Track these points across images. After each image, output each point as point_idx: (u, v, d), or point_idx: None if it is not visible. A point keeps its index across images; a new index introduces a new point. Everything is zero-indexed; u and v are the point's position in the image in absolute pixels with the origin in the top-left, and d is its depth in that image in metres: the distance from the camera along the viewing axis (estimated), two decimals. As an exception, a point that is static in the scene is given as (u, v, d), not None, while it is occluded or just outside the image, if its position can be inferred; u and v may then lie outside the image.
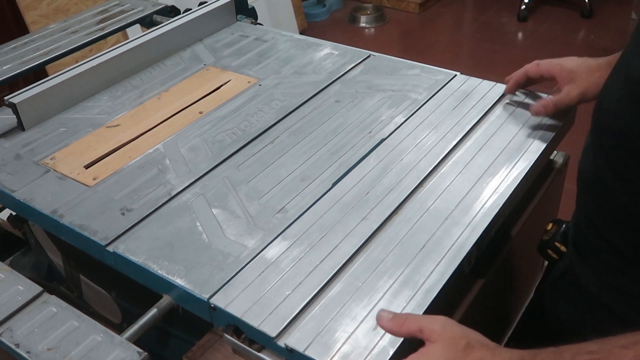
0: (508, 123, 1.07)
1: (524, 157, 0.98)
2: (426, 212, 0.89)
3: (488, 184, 0.93)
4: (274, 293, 0.79)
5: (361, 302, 0.77)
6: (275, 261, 0.84)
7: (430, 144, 1.03)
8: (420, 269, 0.80)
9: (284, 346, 0.73)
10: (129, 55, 1.32)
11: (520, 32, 3.91)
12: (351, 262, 0.83)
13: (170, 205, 0.97)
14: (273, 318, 0.75)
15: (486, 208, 0.89)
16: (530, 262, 1.24)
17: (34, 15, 2.70)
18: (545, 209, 1.16)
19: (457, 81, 1.20)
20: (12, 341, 0.80)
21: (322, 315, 0.76)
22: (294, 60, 1.34)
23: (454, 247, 0.83)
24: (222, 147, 1.09)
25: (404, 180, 0.95)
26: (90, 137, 1.15)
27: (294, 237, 0.87)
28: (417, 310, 0.75)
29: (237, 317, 0.76)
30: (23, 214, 1.05)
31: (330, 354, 0.71)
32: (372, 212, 0.89)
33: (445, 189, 0.93)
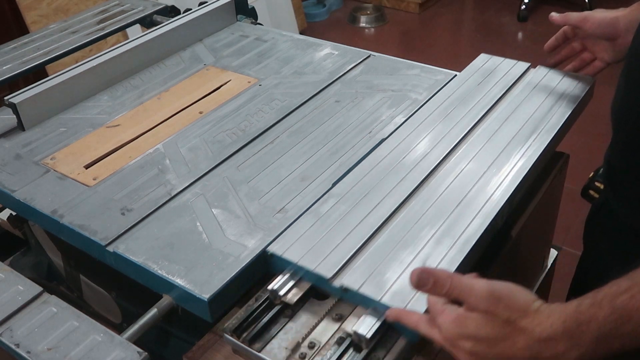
0: (531, 96, 1.11)
1: (547, 128, 1.04)
2: (460, 173, 0.95)
3: (517, 150, 0.99)
4: (325, 242, 0.85)
5: (406, 249, 0.83)
6: (323, 216, 0.90)
7: (459, 114, 1.08)
8: (459, 222, 0.86)
9: (339, 286, 0.79)
10: (129, 55, 1.32)
11: (520, 32, 3.91)
12: (394, 215, 0.89)
13: (170, 205, 0.97)
14: (327, 263, 0.81)
15: (516, 169, 0.95)
16: (530, 262, 1.24)
17: (34, 15, 2.70)
18: (545, 209, 1.16)
19: (480, 60, 1.25)
20: (12, 341, 0.80)
21: (371, 260, 0.82)
22: (294, 60, 1.34)
23: (488, 203, 0.89)
24: (222, 147, 1.09)
25: (437, 147, 1.02)
26: (90, 137, 1.15)
27: (338, 196, 0.93)
28: (457, 256, 0.81)
29: (294, 262, 0.82)
30: (23, 214, 1.05)
31: (382, 292, 0.77)
32: (409, 175, 0.96)
33: (476, 155, 0.99)
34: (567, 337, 0.61)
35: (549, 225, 1.28)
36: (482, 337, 0.63)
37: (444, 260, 0.81)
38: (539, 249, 1.27)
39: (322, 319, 0.81)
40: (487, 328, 0.63)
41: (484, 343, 0.63)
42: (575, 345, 0.61)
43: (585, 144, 2.80)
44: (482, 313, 0.63)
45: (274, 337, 0.78)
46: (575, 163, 1.38)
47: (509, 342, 0.62)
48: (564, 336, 0.61)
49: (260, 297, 0.83)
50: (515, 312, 0.62)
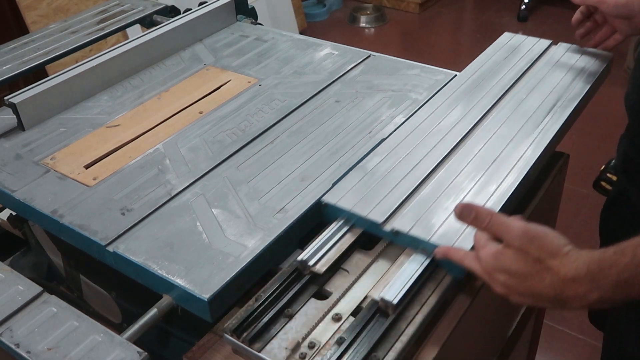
0: (554, 70, 1.19)
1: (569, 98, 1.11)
2: (492, 136, 1.03)
3: (543, 117, 1.06)
4: (374, 192, 0.93)
5: (450, 197, 0.91)
6: (370, 171, 0.97)
7: (488, 85, 1.16)
8: (495, 176, 0.94)
9: (391, 230, 0.87)
10: (129, 55, 1.32)
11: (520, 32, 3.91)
12: (435, 172, 0.97)
13: (170, 205, 0.97)
14: (378, 210, 0.90)
15: (543, 133, 1.03)
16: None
17: (34, 15, 2.70)
18: (545, 209, 1.16)
19: (505, 38, 1.33)
20: (12, 341, 0.80)
21: (418, 207, 0.90)
22: (294, 60, 1.34)
23: (521, 161, 0.97)
24: (222, 147, 1.09)
25: (471, 112, 1.10)
26: (90, 137, 1.15)
27: (382, 154, 1.01)
28: (494, 207, 0.88)
29: (347, 209, 0.90)
30: (23, 214, 1.05)
31: (431, 233, 0.85)
32: (446, 137, 1.04)
33: (506, 121, 1.06)
34: (589, 280, 0.67)
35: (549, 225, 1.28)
36: (514, 271, 0.70)
37: (486, 205, 0.87)
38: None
39: (322, 319, 0.81)
40: (519, 264, 0.70)
41: (516, 278, 0.70)
42: (595, 287, 0.67)
43: (585, 144, 2.80)
44: (516, 250, 0.70)
45: (274, 337, 0.78)
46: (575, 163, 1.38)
47: (537, 279, 0.69)
48: (585, 278, 0.67)
49: (260, 297, 0.82)
50: (545, 253, 0.69)
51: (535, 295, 0.70)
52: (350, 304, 0.82)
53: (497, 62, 1.23)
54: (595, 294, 0.67)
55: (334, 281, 0.86)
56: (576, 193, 2.54)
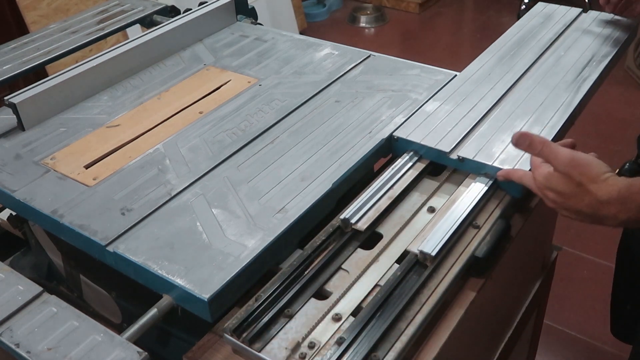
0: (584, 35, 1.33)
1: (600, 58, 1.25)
2: (538, 84, 1.17)
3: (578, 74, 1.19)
4: (438, 129, 1.07)
5: (505, 133, 1.05)
6: (433, 113, 1.11)
7: (529, 46, 1.31)
8: (544, 115, 1.08)
9: (457, 157, 1.01)
10: (129, 55, 1.32)
11: (520, 32, 3.91)
12: (489, 113, 1.11)
13: (170, 205, 0.97)
14: (444, 142, 1.04)
15: (579, 85, 1.16)
16: (531, 262, 1.24)
17: (34, 15, 2.70)
18: (546, 209, 1.16)
19: (539, 7, 1.47)
20: (12, 341, 0.80)
21: (478, 140, 1.04)
22: (294, 60, 1.34)
23: (565, 103, 1.11)
24: (222, 147, 1.09)
25: (519, 62, 1.25)
26: (90, 137, 1.15)
27: (441, 100, 1.14)
28: (548, 136, 1.01)
29: (417, 142, 1.05)
30: (23, 214, 1.05)
31: (492, 159, 0.99)
32: (497, 85, 1.18)
33: (545, 76, 1.20)
34: (620, 202, 0.78)
35: (549, 225, 1.28)
36: (560, 191, 0.83)
37: None
38: (539, 249, 1.27)
39: (322, 319, 0.81)
40: (564, 185, 0.82)
41: (561, 196, 0.83)
42: (625, 209, 0.79)
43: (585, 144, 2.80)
44: (562, 174, 0.82)
45: (274, 337, 0.78)
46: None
47: (578, 199, 0.81)
48: (617, 201, 0.79)
49: (260, 297, 0.82)
50: (586, 178, 0.80)
51: (576, 212, 0.82)
52: (350, 304, 0.82)
53: (535, 27, 1.38)
54: (624, 215, 0.79)
55: (334, 281, 0.86)
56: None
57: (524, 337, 1.33)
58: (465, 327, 0.89)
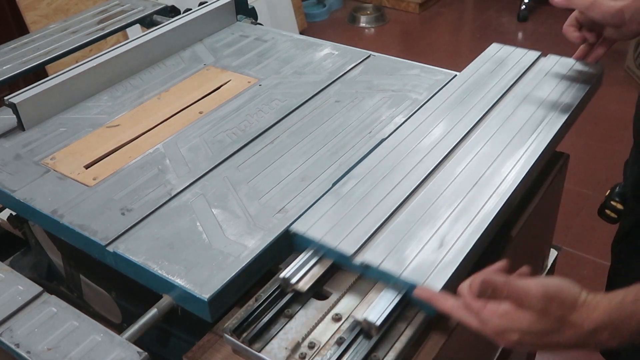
0: (541, 84, 1.15)
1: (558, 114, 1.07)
2: (475, 156, 0.99)
3: (529, 134, 1.02)
4: (346, 221, 0.88)
5: (425, 226, 0.86)
6: (344, 196, 0.93)
7: (473, 100, 1.12)
8: (475, 201, 0.90)
9: (361, 263, 0.82)
10: (129, 55, 1.32)
11: (520, 32, 3.91)
12: (412, 196, 0.92)
13: (170, 205, 0.97)
14: (348, 240, 0.85)
15: (529, 152, 0.98)
16: (530, 262, 1.24)
17: (34, 15, 2.70)
18: (545, 209, 1.16)
19: (493, 49, 1.29)
20: (12, 341, 0.80)
21: (390, 238, 0.85)
22: (294, 60, 1.34)
23: (503, 184, 0.93)
24: (222, 147, 1.09)
25: (454, 129, 1.05)
26: (90, 137, 1.15)
27: (358, 177, 0.96)
28: (473, 235, 0.84)
29: (316, 240, 0.85)
30: (23, 214, 1.05)
31: (402, 268, 0.80)
32: (426, 157, 0.99)
33: (490, 139, 1.02)
34: (611, 329, 0.67)
35: (549, 225, 1.28)
36: (533, 331, 0.68)
37: (460, 238, 0.83)
38: (539, 249, 1.27)
39: (322, 319, 0.81)
40: (541, 324, 0.68)
41: (534, 335, 0.68)
42: (616, 335, 0.67)
43: (585, 144, 2.80)
44: (537, 311, 0.67)
45: (274, 337, 0.78)
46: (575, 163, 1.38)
47: (558, 334, 0.68)
48: (607, 327, 0.67)
49: (260, 297, 0.82)
50: (565, 309, 0.67)
51: (553, 347, 0.69)
52: (350, 304, 0.82)
53: (484, 75, 1.19)
54: (616, 341, 0.67)
55: (334, 281, 0.86)
56: (576, 193, 2.54)
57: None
58: (466, 327, 0.89)
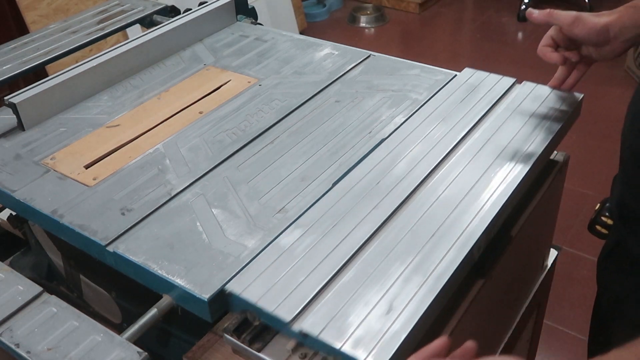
0: (515, 116, 1.07)
1: (530, 150, 0.99)
2: (436, 200, 0.91)
3: (496, 174, 0.95)
4: (288, 279, 0.80)
5: (373, 287, 0.78)
6: (289, 249, 0.84)
7: (439, 135, 1.04)
8: (431, 256, 0.81)
9: (299, 331, 0.74)
10: (129, 55, 1.32)
11: (520, 32, 3.91)
12: (363, 249, 0.84)
13: (170, 205, 0.97)
14: (287, 303, 0.77)
15: (495, 196, 0.91)
16: (530, 262, 1.24)
17: (34, 15, 2.70)
18: (545, 209, 1.16)
19: (465, 74, 1.20)
20: (12, 341, 0.80)
21: (335, 301, 0.77)
22: (294, 60, 1.34)
23: (464, 235, 0.84)
24: (222, 147, 1.09)
25: (415, 169, 0.97)
26: (90, 137, 1.15)
27: (306, 226, 0.88)
28: (427, 297, 0.76)
29: (252, 302, 0.77)
30: (23, 214, 1.05)
31: (344, 338, 0.72)
32: (383, 201, 0.91)
33: (455, 179, 0.94)
34: None
35: (549, 225, 1.28)
36: None
37: (412, 301, 0.75)
38: (539, 249, 1.27)
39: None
40: None
41: None
42: None
43: (585, 144, 2.80)
44: None
45: (274, 337, 0.78)
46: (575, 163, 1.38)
47: None
48: None
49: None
50: None
51: None
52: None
53: (453, 104, 1.11)
54: None
55: (333, 281, 0.85)
56: (576, 193, 2.54)
57: (524, 337, 1.33)
58: (465, 327, 0.89)
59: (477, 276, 0.92)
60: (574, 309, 2.14)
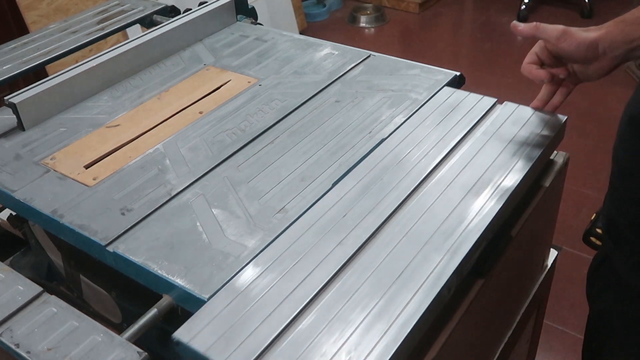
0: (494, 139, 1.02)
1: (509, 176, 0.94)
2: (405, 236, 0.84)
3: (471, 206, 0.88)
4: (241, 326, 0.74)
5: (332, 336, 0.72)
6: (245, 291, 0.79)
7: (410, 164, 0.98)
8: (396, 299, 0.75)
9: None
10: (129, 55, 1.32)
11: (520, 32, 3.91)
12: (324, 291, 0.78)
13: (170, 205, 0.97)
14: (239, 354, 0.71)
15: (468, 231, 0.84)
16: (531, 262, 1.24)
17: (34, 15, 2.70)
18: (545, 209, 1.16)
19: (444, 94, 1.15)
20: (12, 341, 0.80)
21: (290, 352, 0.71)
22: (294, 60, 1.34)
23: (433, 275, 0.78)
24: (222, 147, 1.09)
25: (384, 201, 0.91)
26: (90, 137, 1.15)
27: (265, 264, 0.82)
28: (390, 346, 0.71)
29: (200, 353, 0.72)
30: (23, 214, 1.05)
31: None
32: (348, 237, 0.85)
33: (426, 211, 0.88)
34: None
35: (549, 225, 1.28)
36: None
37: (373, 352, 0.70)
38: (539, 249, 1.27)
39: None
40: None
41: None
42: None
43: (585, 143, 2.80)
44: None
45: (274, 337, 0.78)
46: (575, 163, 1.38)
47: None
48: None
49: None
50: None
51: None
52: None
53: (429, 127, 1.06)
54: None
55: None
56: (576, 193, 2.54)
57: (524, 337, 1.33)
58: (465, 327, 0.89)
59: (477, 276, 0.92)
60: (574, 309, 2.14)
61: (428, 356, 0.81)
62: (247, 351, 0.71)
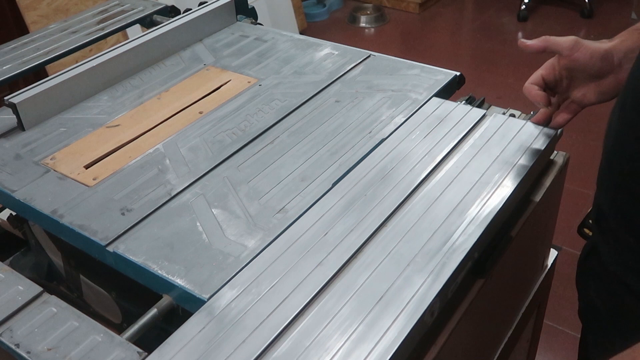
0: (482, 153, 0.99)
1: (496, 192, 0.91)
2: (387, 256, 0.81)
3: (456, 224, 0.85)
4: (214, 352, 0.71)
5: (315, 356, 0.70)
6: (220, 314, 0.75)
7: (397, 176, 0.95)
8: (377, 324, 0.72)
9: None
10: (129, 55, 1.32)
11: (520, 32, 3.91)
12: (302, 315, 0.74)
13: (170, 205, 0.97)
14: None
15: (452, 251, 0.81)
16: (530, 262, 1.24)
17: (34, 15, 2.70)
18: (545, 209, 1.16)
19: (431, 105, 1.12)
20: (12, 341, 0.80)
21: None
22: (294, 60, 1.34)
23: (415, 298, 0.75)
24: (222, 147, 1.09)
25: (367, 218, 0.87)
26: (90, 137, 1.15)
27: (242, 286, 0.79)
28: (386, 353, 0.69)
29: None
30: (23, 214, 1.05)
31: None
32: (329, 257, 0.81)
33: (410, 230, 0.85)
34: None
35: (549, 225, 1.28)
36: None
37: None
38: (539, 249, 1.27)
39: (322, 319, 0.79)
40: None
41: None
42: None
43: (585, 143, 2.80)
44: None
45: (274, 337, 0.78)
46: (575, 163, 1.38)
47: None
48: None
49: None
50: None
51: None
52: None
53: (416, 141, 1.02)
54: None
55: (333, 281, 0.85)
56: (576, 193, 2.54)
57: (524, 337, 1.33)
58: (465, 327, 0.89)
59: (477, 276, 0.92)
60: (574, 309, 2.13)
61: (428, 356, 0.81)
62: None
